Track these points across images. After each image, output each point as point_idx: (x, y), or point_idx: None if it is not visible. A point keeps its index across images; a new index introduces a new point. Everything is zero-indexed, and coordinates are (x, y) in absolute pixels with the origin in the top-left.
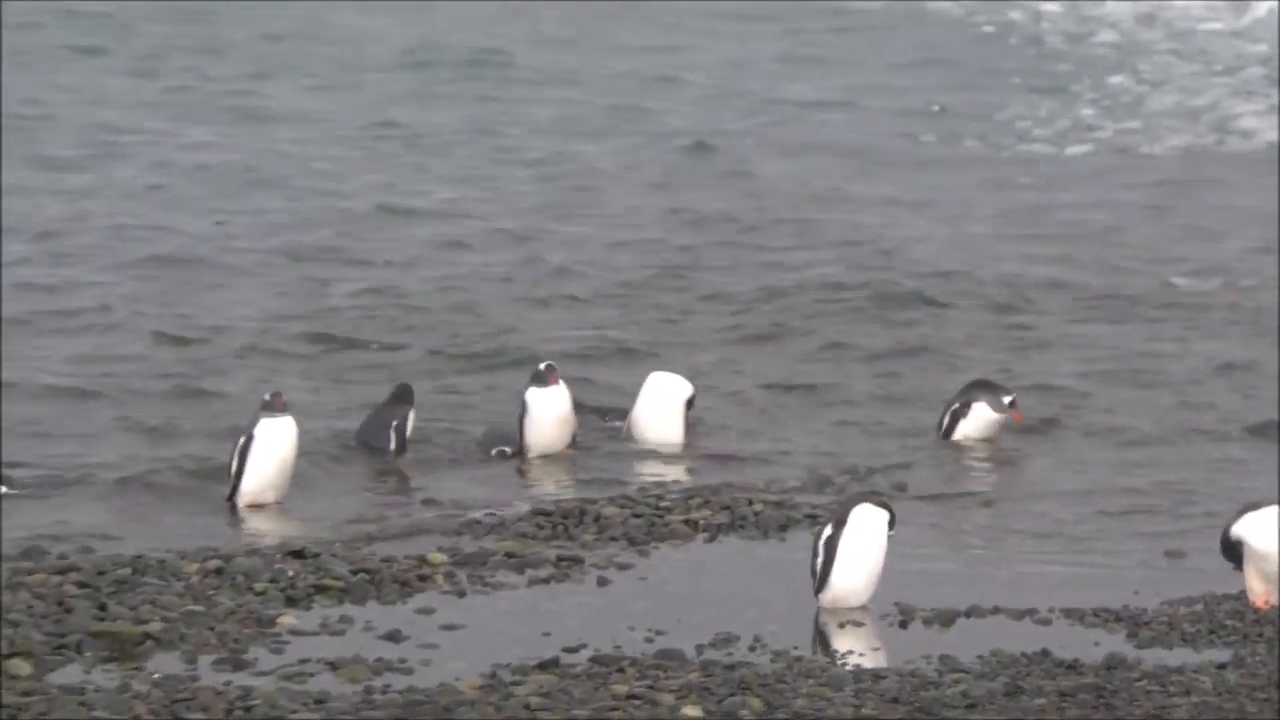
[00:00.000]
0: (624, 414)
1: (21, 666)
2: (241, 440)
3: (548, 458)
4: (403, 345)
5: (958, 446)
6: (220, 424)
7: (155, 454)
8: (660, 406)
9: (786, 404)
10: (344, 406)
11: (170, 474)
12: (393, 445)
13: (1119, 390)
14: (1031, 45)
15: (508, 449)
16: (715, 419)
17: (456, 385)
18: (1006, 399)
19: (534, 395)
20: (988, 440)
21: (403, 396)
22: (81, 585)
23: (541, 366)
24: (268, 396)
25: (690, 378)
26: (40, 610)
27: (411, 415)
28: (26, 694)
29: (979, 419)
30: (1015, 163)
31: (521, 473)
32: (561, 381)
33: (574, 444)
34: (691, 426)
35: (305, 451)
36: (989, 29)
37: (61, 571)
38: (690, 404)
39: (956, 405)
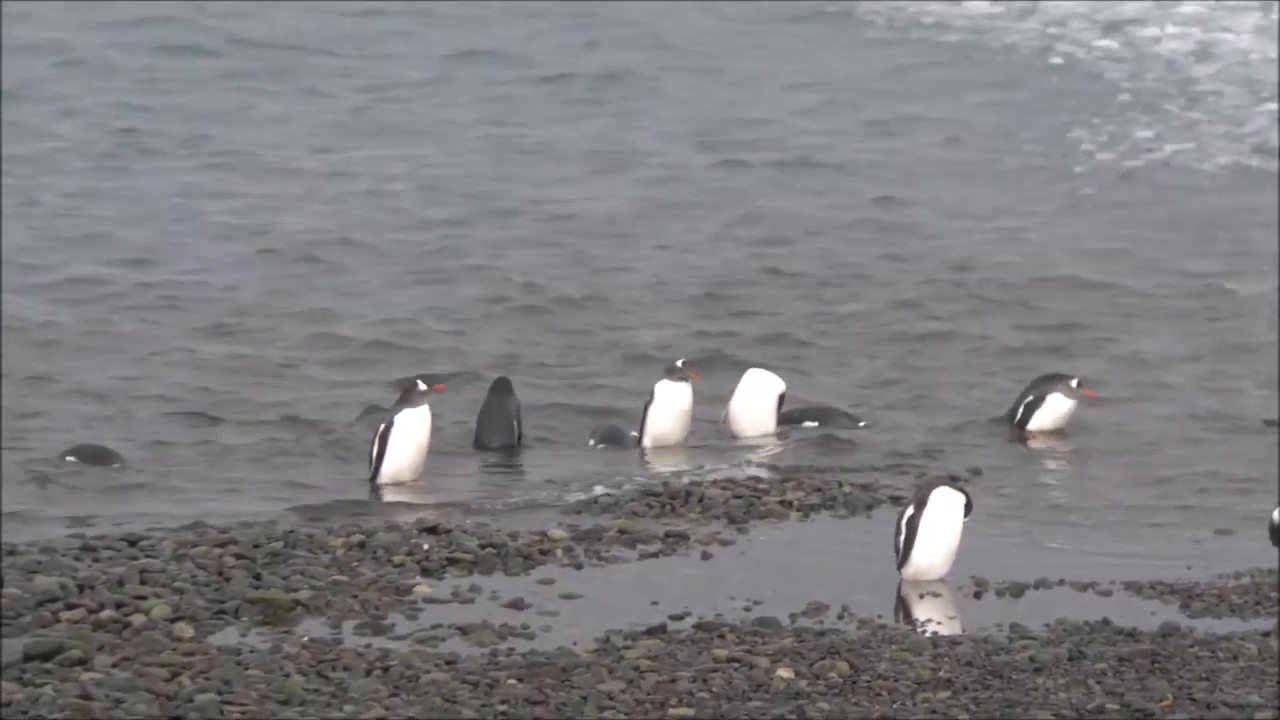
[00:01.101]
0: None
1: (185, 629)
2: (381, 427)
3: (663, 448)
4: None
5: (1029, 434)
6: None
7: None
8: (756, 401)
9: (880, 396)
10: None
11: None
12: (516, 438)
13: (1193, 374)
14: (1093, 79)
15: (603, 444)
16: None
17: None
18: (1073, 382)
19: (663, 387)
20: (1059, 429)
21: (507, 388)
22: (239, 557)
23: (679, 363)
24: (422, 386)
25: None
26: (202, 579)
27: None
28: (189, 654)
29: (1054, 409)
30: (1083, 178)
31: (635, 458)
32: (689, 379)
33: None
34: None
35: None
36: (1057, 60)
37: (221, 544)
38: (781, 399)
39: (1030, 398)
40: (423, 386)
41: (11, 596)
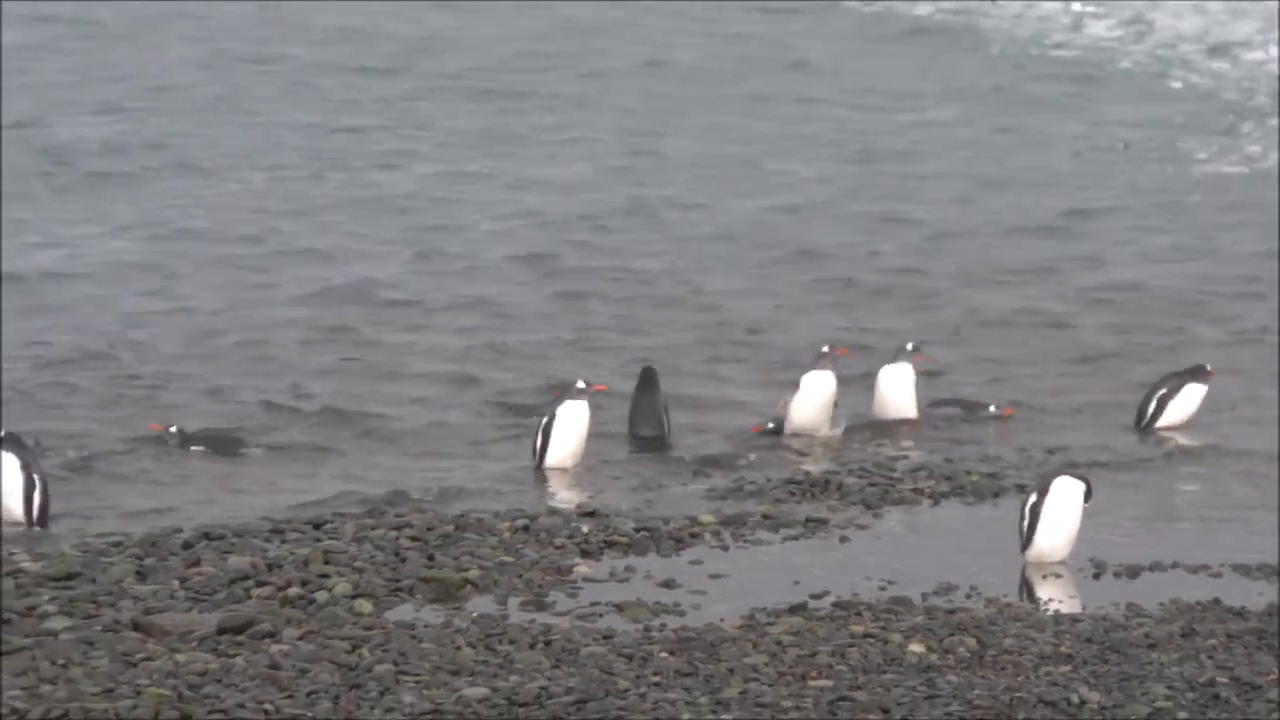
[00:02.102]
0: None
1: (364, 606)
2: (545, 419)
3: (805, 436)
4: None
5: (1162, 428)
6: None
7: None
8: (897, 394)
9: (1009, 396)
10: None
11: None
12: (666, 429)
13: None
14: (1208, 98)
15: (770, 424)
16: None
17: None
18: (1209, 368)
19: (808, 377)
20: (1190, 422)
21: (654, 380)
22: (414, 539)
23: (825, 348)
24: (581, 384)
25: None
26: (380, 559)
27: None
28: (369, 628)
29: (1189, 398)
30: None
31: (778, 447)
32: (830, 368)
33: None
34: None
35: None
36: (1176, 85)
37: (398, 527)
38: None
39: (1164, 390)
40: (581, 385)
41: (207, 574)
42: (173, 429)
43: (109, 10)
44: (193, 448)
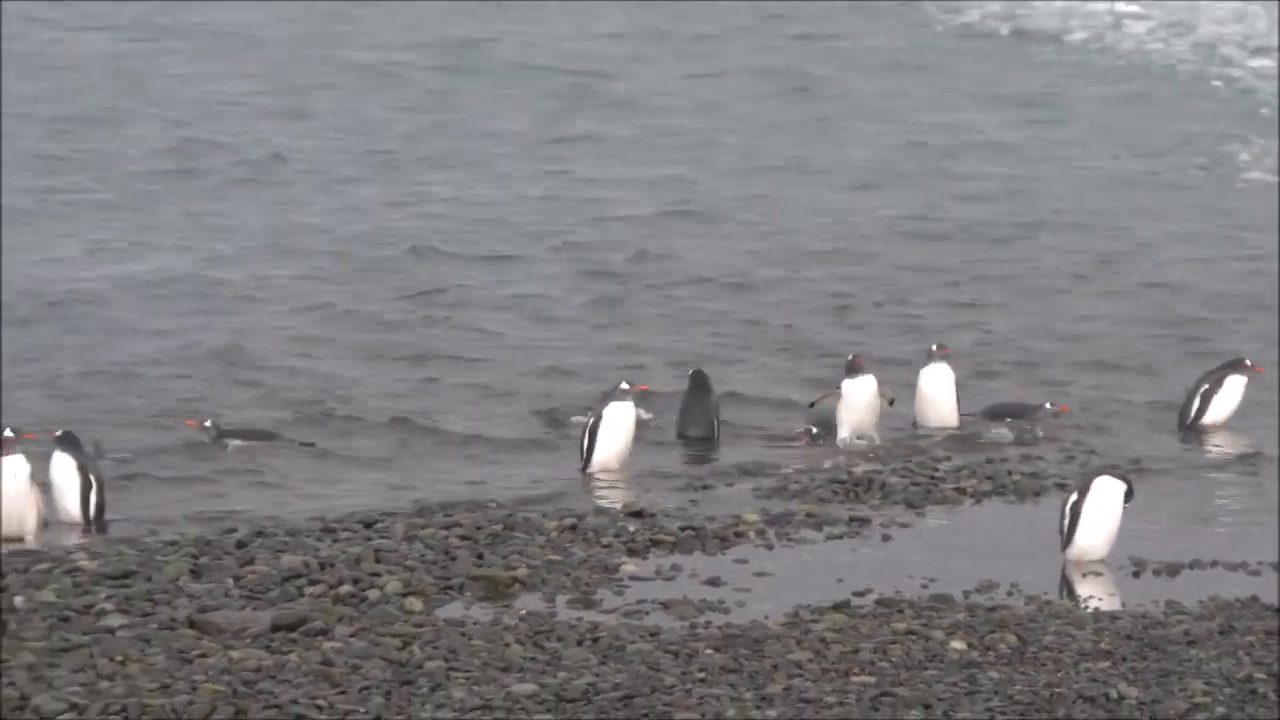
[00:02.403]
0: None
1: (415, 603)
2: (591, 421)
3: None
4: None
5: (1207, 425)
6: None
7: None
8: (939, 394)
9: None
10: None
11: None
12: (716, 431)
13: None
14: (1246, 96)
15: (814, 429)
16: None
17: None
18: (1247, 362)
19: (849, 384)
20: (1233, 415)
21: (704, 382)
22: (463, 538)
23: (850, 356)
24: (625, 385)
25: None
26: (430, 558)
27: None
28: (419, 625)
29: (1232, 391)
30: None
31: (822, 447)
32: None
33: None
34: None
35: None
36: (1217, 84)
37: (447, 527)
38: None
39: (1206, 385)
40: (625, 386)
41: (261, 573)
42: (207, 423)
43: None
44: (229, 442)
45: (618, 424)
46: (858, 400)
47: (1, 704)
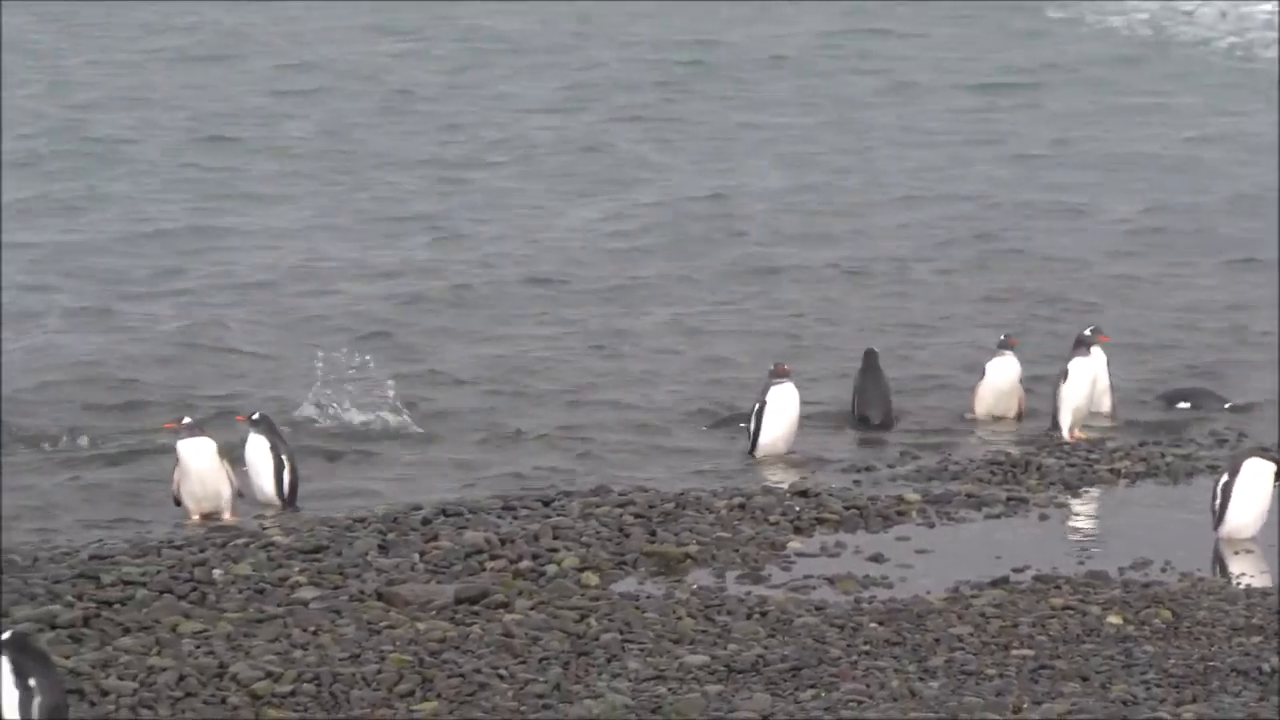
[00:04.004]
0: None
1: (591, 578)
2: (757, 405)
3: (999, 419)
4: None
5: None
6: None
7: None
8: (1003, 385)
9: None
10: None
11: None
12: (891, 412)
13: None
14: None
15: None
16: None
17: None
18: None
19: (993, 364)
20: None
21: (877, 363)
22: (637, 516)
23: (1002, 336)
24: (772, 366)
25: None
26: (605, 535)
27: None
28: (595, 599)
29: None
30: None
31: (980, 430)
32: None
33: (1020, 412)
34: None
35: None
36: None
37: (622, 505)
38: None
39: None
40: (785, 368)
41: (445, 548)
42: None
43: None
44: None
45: (782, 406)
46: (999, 380)
47: (202, 671)
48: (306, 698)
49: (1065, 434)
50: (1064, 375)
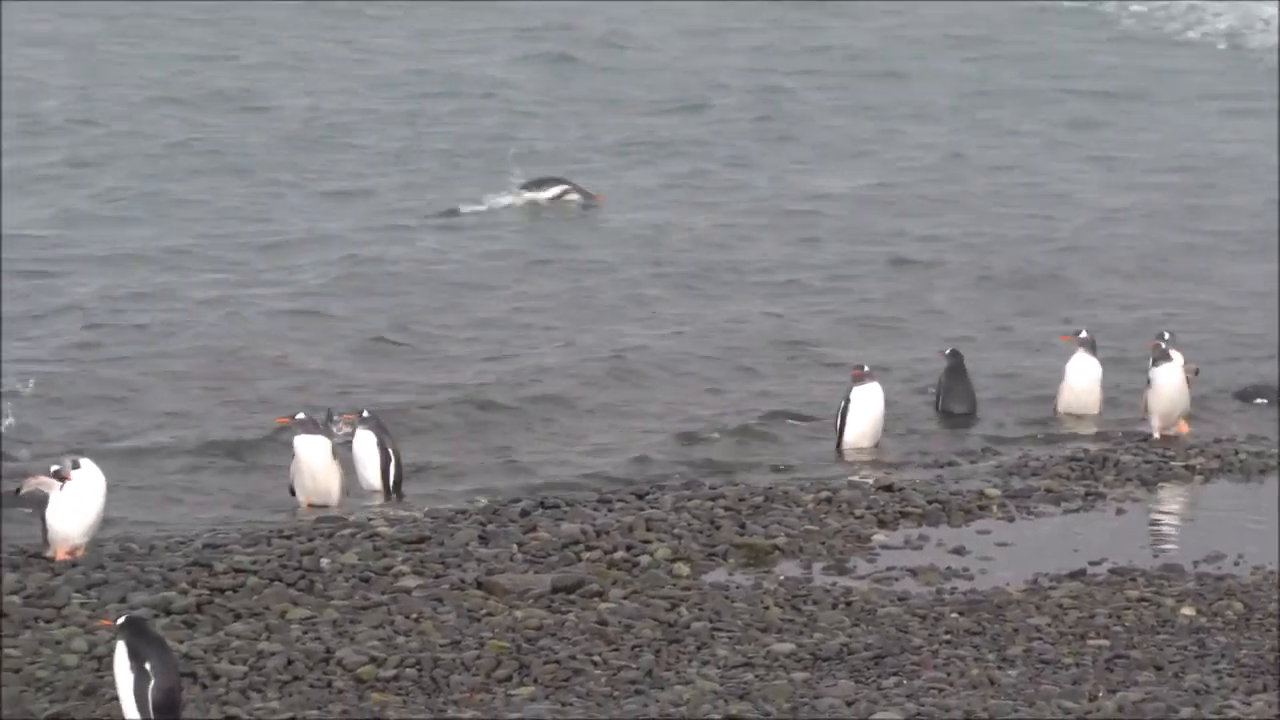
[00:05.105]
0: None
1: (683, 569)
2: (842, 404)
3: (1080, 417)
4: None
5: None
6: None
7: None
8: (1081, 384)
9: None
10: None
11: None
12: (975, 408)
13: None
14: None
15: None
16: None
17: None
18: None
19: (1073, 364)
20: None
21: (962, 362)
22: (727, 509)
23: (1081, 332)
24: (866, 368)
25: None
26: (696, 527)
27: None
28: (687, 589)
29: None
30: None
31: (1060, 426)
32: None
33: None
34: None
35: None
36: None
37: (712, 499)
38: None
39: None
40: (866, 368)
41: (542, 539)
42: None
43: None
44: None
45: (866, 404)
46: (1081, 379)
47: (309, 656)
48: (408, 682)
49: (1155, 434)
50: (1149, 384)
